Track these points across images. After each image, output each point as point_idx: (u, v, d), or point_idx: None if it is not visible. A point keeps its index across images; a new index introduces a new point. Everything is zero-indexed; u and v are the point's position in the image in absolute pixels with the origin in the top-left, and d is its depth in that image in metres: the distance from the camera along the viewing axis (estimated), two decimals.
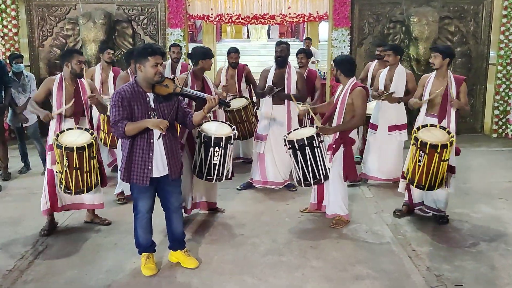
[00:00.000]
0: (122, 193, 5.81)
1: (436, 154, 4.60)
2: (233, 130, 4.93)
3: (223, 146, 4.78)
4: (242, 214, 5.48)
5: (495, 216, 5.38)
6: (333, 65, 5.08)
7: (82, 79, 4.90)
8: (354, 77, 5.01)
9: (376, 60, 7.35)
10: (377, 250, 4.58)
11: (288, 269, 4.21)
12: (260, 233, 4.96)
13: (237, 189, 6.28)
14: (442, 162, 4.65)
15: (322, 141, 4.93)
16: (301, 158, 4.87)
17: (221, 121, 5.17)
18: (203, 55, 5.09)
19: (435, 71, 5.09)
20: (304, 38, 12.58)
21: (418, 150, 4.70)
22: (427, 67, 8.96)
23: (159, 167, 3.90)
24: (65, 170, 4.51)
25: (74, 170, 4.51)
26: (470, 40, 9.41)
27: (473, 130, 9.68)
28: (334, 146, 4.94)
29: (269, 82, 6.04)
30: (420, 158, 4.70)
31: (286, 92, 5.97)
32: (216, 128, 4.93)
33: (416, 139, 4.72)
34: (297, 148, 4.86)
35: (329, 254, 4.49)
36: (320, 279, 4.04)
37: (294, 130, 5.19)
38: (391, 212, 5.40)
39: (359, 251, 4.55)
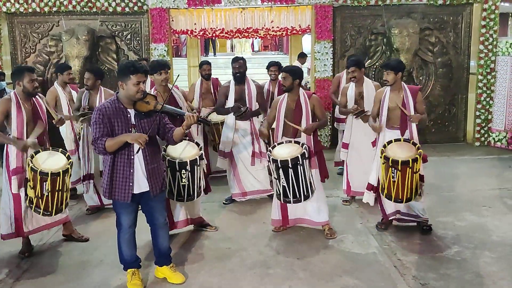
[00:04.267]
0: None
1: (408, 169, 4.66)
2: (200, 149, 4.87)
3: (189, 169, 4.72)
4: (228, 227, 5.48)
5: (479, 223, 5.43)
6: (289, 74, 5.07)
7: (37, 97, 4.79)
8: None
9: (345, 71, 7.19)
10: (363, 260, 4.60)
11: (275, 282, 4.21)
12: (246, 246, 4.96)
13: (223, 203, 6.27)
14: (414, 174, 4.71)
15: (307, 158, 4.85)
16: (283, 176, 4.80)
17: (188, 140, 4.99)
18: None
19: (390, 86, 5.14)
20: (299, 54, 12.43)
21: (390, 168, 4.73)
22: (408, 78, 9.12)
23: (140, 184, 3.90)
24: (45, 194, 4.36)
25: (57, 193, 4.42)
26: (451, 50, 9.55)
27: (455, 139, 9.78)
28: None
29: (231, 99, 6.10)
30: (393, 175, 4.73)
31: (247, 105, 6.02)
32: (182, 150, 4.81)
33: (387, 158, 4.75)
34: (279, 166, 4.78)
35: (316, 265, 4.50)
36: None
37: (278, 144, 5.07)
38: (376, 222, 5.43)
39: (346, 262, 4.57)
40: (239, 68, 6.07)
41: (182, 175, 4.70)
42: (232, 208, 6.16)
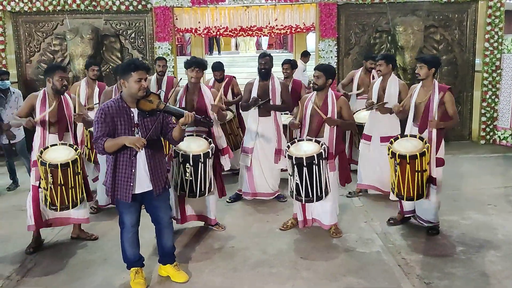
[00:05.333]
0: (96, 201, 5.93)
1: (407, 164, 4.63)
2: (211, 148, 4.87)
3: (192, 164, 4.74)
4: (232, 226, 5.47)
5: (484, 222, 5.40)
6: (323, 73, 4.99)
7: (65, 94, 4.89)
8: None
9: (361, 69, 7.42)
10: (367, 259, 4.59)
11: (278, 281, 4.20)
12: (250, 245, 4.95)
13: (227, 201, 6.25)
14: (416, 173, 4.66)
15: (325, 159, 4.79)
16: (297, 173, 4.77)
17: (204, 137, 5.06)
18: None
19: (422, 80, 5.03)
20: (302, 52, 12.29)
21: (393, 160, 4.74)
22: (413, 76, 9.03)
23: (142, 183, 3.90)
24: (50, 187, 4.48)
25: (59, 187, 4.49)
26: (456, 48, 9.50)
27: (461, 137, 9.73)
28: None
29: (254, 94, 6.03)
30: (395, 168, 4.74)
31: (271, 103, 5.99)
32: (191, 144, 4.83)
33: (389, 149, 4.76)
34: (294, 163, 4.75)
35: (319, 264, 4.49)
36: None
37: (298, 141, 5.00)
38: (380, 221, 5.41)
39: (350, 261, 4.55)
40: (265, 64, 6.01)
41: (186, 169, 4.72)
42: (236, 206, 6.16)
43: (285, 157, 4.95)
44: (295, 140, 5.04)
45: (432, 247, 4.80)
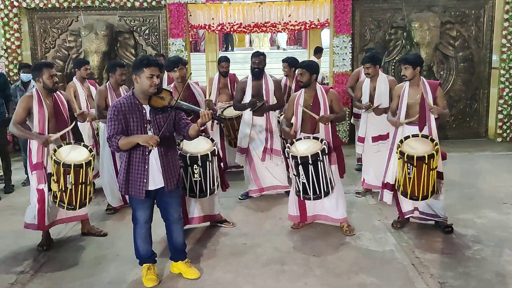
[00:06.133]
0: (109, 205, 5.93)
1: (424, 165, 4.57)
2: (214, 145, 4.87)
3: (200, 165, 4.73)
4: (244, 223, 5.46)
5: (500, 221, 5.32)
6: (305, 69, 4.99)
7: (58, 92, 4.83)
8: None
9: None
10: (381, 257, 4.54)
11: (290, 279, 4.18)
12: (262, 242, 4.93)
13: (239, 198, 6.25)
14: (431, 171, 4.62)
15: (327, 154, 4.80)
16: (303, 172, 4.76)
17: (204, 135, 5.01)
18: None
19: (408, 81, 5.02)
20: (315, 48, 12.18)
21: (406, 163, 4.66)
22: (429, 72, 8.99)
23: (155, 180, 3.90)
24: (69, 188, 4.41)
25: (80, 186, 4.46)
26: (472, 44, 9.38)
27: (477, 135, 9.63)
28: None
29: (248, 94, 6.04)
30: (409, 171, 4.66)
31: (265, 100, 6.01)
32: (195, 145, 4.79)
33: (402, 153, 4.67)
34: (299, 163, 4.74)
35: (332, 262, 4.46)
36: None
37: (297, 140, 5.02)
38: (394, 219, 5.35)
39: (362, 259, 4.51)
40: (259, 63, 6.01)
41: (194, 170, 4.70)
42: (248, 203, 6.14)
43: (287, 158, 4.94)
44: (294, 140, 5.03)
45: (447, 246, 4.73)
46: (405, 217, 5.20)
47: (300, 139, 5.01)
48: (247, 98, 6.06)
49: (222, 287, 4.06)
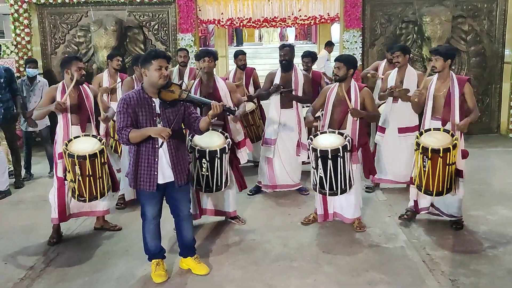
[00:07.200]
0: (122, 197, 5.89)
1: (439, 158, 4.50)
2: (228, 144, 4.79)
3: (208, 160, 4.68)
4: (253, 219, 5.44)
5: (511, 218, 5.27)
6: (343, 63, 4.88)
7: (85, 85, 4.92)
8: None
9: (385, 60, 7.25)
10: (391, 254, 4.50)
11: (299, 275, 4.15)
12: (271, 238, 4.91)
13: (248, 194, 6.21)
14: (447, 167, 4.54)
15: (349, 151, 4.72)
16: (321, 166, 4.69)
17: (220, 131, 4.98)
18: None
19: (438, 73, 4.93)
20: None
21: (422, 155, 4.61)
22: None
23: (165, 174, 3.88)
24: (78, 179, 4.50)
25: (87, 178, 4.51)
26: (484, 39, 9.27)
27: (489, 130, 9.53)
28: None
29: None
30: (424, 163, 4.61)
31: (293, 89, 5.92)
32: (207, 139, 4.76)
33: (418, 144, 4.62)
34: (319, 156, 4.68)
35: (341, 259, 4.43)
36: (333, 285, 3.99)
37: (321, 133, 4.92)
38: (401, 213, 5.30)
39: (372, 256, 4.48)
40: (285, 55, 5.93)
41: (203, 164, 4.68)
42: (258, 199, 6.12)
43: (308, 150, 4.87)
44: (318, 132, 4.96)
45: (458, 243, 4.68)
46: (420, 212, 5.14)
47: (325, 132, 4.93)
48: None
49: (231, 283, 4.05)
